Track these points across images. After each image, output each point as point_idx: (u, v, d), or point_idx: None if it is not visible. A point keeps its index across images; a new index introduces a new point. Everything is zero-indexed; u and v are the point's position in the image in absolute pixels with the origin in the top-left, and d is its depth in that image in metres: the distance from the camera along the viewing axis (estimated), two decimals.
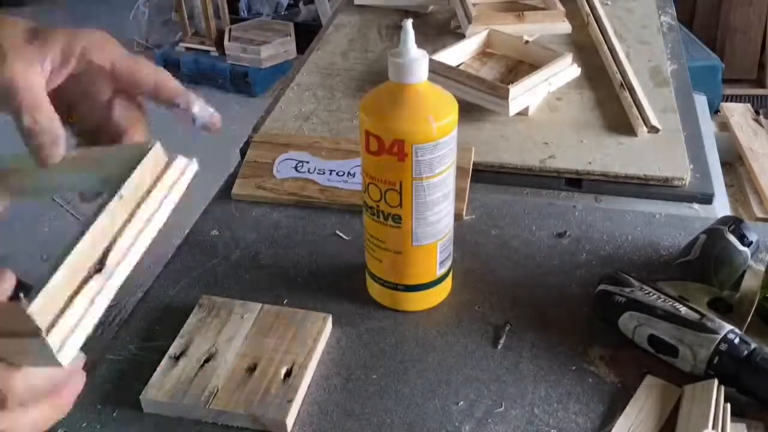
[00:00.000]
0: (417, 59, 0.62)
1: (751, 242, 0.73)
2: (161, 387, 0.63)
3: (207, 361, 0.65)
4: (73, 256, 0.40)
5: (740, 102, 2.46)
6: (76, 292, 0.40)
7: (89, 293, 0.41)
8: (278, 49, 3.16)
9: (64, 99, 0.51)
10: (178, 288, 0.76)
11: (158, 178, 0.48)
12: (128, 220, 0.44)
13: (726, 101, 2.44)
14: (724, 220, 0.75)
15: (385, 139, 0.63)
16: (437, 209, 0.67)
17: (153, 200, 0.47)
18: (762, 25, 2.82)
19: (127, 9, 3.57)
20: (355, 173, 0.90)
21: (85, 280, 0.41)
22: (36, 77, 0.48)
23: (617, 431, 0.59)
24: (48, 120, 0.48)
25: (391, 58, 0.62)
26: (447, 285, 0.74)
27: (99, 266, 0.42)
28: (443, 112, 0.63)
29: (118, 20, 3.67)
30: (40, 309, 0.38)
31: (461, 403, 0.63)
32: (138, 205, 0.45)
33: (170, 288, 0.76)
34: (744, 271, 0.72)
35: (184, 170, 0.50)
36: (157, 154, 0.48)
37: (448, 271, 0.73)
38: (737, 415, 0.58)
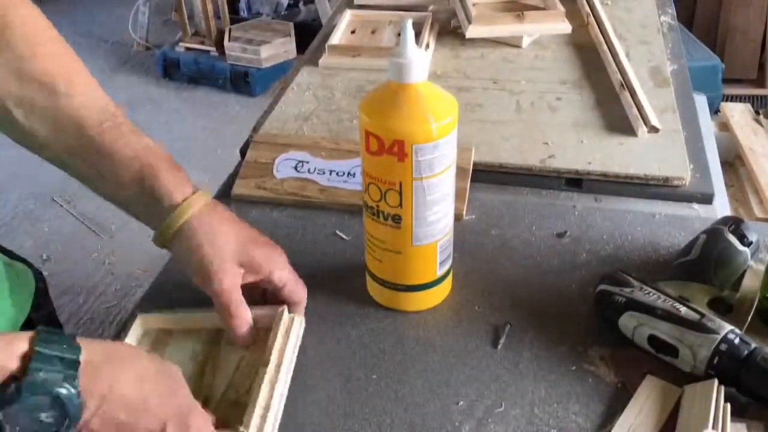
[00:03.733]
0: (417, 59, 0.62)
1: (751, 242, 0.73)
2: None
3: None
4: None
5: (740, 102, 2.46)
6: None
7: None
8: (278, 49, 3.16)
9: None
10: (178, 288, 0.76)
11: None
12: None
13: (726, 101, 2.44)
14: (724, 220, 0.75)
15: (385, 139, 0.63)
16: (437, 209, 0.67)
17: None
18: (762, 25, 2.82)
19: (127, 9, 3.57)
20: (355, 173, 0.90)
21: None
22: (238, 285, 0.65)
23: (617, 431, 0.59)
24: (244, 319, 0.65)
25: (391, 58, 0.62)
26: (447, 285, 0.74)
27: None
28: (443, 112, 0.63)
29: (118, 20, 3.67)
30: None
31: (461, 403, 0.63)
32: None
33: (170, 288, 0.76)
34: (744, 271, 0.72)
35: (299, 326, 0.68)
36: (285, 318, 0.66)
37: (448, 272, 0.73)
38: (737, 415, 0.58)
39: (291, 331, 0.66)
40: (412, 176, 0.64)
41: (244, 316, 0.65)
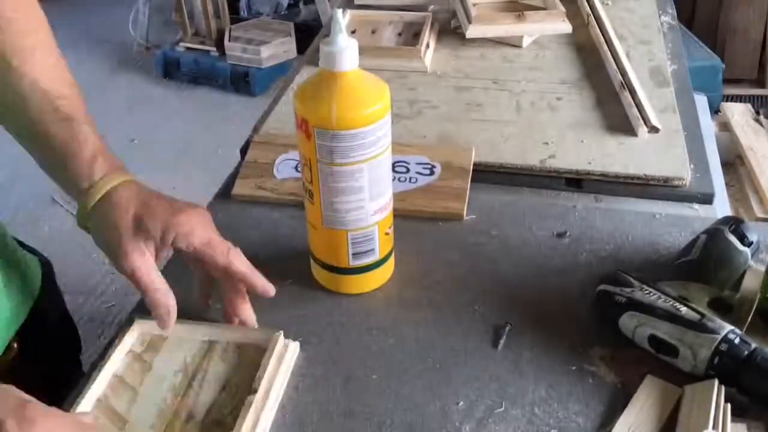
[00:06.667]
0: (344, 49, 0.63)
1: (751, 242, 0.73)
2: None
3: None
4: None
5: (740, 102, 2.46)
6: None
7: None
8: (278, 49, 3.16)
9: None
10: (178, 288, 0.76)
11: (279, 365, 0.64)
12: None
13: (726, 101, 2.44)
14: (725, 220, 0.75)
15: (297, 114, 0.66)
16: (344, 199, 0.68)
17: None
18: (762, 25, 2.82)
19: (127, 9, 3.57)
20: None
21: None
22: (148, 261, 0.62)
23: (617, 431, 0.59)
24: (163, 295, 0.63)
25: (322, 46, 0.64)
26: (372, 278, 0.74)
27: None
28: (352, 107, 0.64)
29: (118, 20, 3.67)
30: None
31: (461, 403, 0.63)
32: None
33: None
34: (744, 271, 0.72)
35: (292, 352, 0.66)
36: (279, 343, 0.65)
37: (370, 266, 0.73)
38: (737, 415, 0.58)
39: (284, 358, 0.65)
40: (317, 157, 0.66)
41: (163, 302, 0.63)
